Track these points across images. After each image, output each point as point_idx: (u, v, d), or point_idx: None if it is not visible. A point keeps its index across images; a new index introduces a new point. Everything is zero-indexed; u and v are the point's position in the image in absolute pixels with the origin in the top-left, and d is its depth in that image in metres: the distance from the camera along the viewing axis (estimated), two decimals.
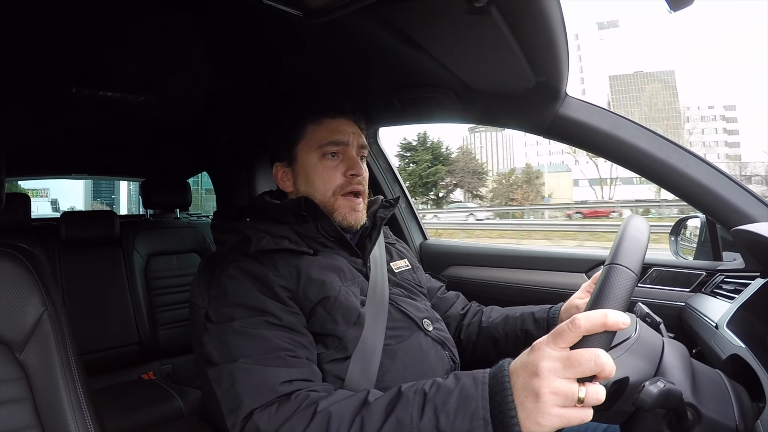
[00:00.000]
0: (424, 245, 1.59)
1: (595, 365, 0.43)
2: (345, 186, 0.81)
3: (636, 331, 0.59)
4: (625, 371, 0.54)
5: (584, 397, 0.43)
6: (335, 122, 0.83)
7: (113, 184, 20.96)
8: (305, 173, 0.82)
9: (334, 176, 0.81)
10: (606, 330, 0.44)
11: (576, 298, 0.81)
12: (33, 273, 0.72)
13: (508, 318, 0.90)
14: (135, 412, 1.49)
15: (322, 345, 0.72)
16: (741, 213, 0.80)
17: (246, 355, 0.64)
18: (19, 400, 0.67)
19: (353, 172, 0.81)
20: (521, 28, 0.67)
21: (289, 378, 0.62)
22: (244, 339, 0.65)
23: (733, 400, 0.57)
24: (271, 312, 0.68)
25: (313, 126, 0.82)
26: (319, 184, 0.81)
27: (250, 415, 0.60)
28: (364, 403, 0.56)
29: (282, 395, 0.60)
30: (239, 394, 0.61)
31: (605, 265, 0.52)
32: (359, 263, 0.82)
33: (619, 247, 0.53)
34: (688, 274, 1.04)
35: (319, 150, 0.81)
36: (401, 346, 0.77)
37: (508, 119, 1.05)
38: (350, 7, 0.62)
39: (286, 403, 0.59)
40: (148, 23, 0.79)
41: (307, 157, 0.82)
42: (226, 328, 0.67)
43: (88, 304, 1.78)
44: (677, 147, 0.87)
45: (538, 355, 0.46)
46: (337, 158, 0.82)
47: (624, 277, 0.50)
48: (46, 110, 1.27)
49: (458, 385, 0.52)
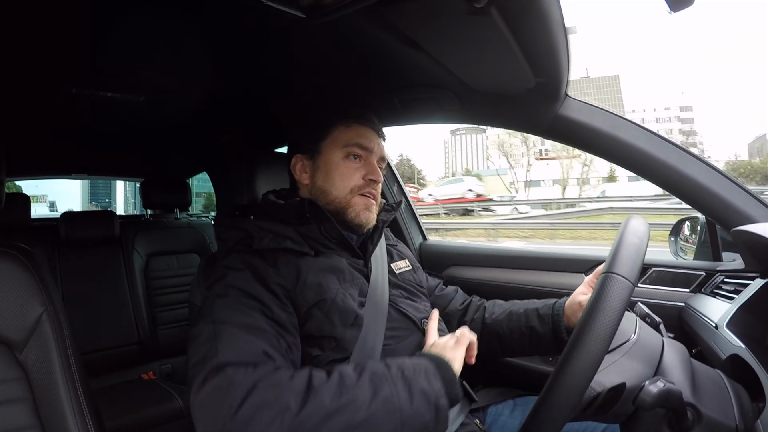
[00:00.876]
0: (424, 245, 1.59)
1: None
2: (363, 188, 0.83)
3: (635, 333, 0.59)
4: (623, 375, 0.54)
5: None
6: (363, 129, 0.86)
7: (110, 186, 21.08)
8: (326, 168, 0.84)
9: (353, 176, 0.83)
10: None
11: (579, 294, 0.83)
12: (33, 273, 0.72)
13: (512, 314, 0.91)
14: (135, 412, 1.50)
15: (318, 347, 0.72)
16: (741, 213, 0.80)
17: (233, 323, 0.62)
18: (19, 400, 0.67)
19: (372, 177, 0.84)
20: (521, 29, 0.67)
21: (270, 351, 0.61)
22: (234, 311, 0.64)
23: (732, 400, 0.57)
24: (264, 302, 0.68)
25: (343, 127, 0.85)
26: (338, 181, 0.83)
27: (222, 368, 0.55)
28: (362, 370, 0.61)
29: (263, 360, 0.59)
30: (217, 347, 0.58)
31: (602, 273, 0.53)
32: (360, 264, 0.83)
33: (617, 254, 0.53)
34: (687, 275, 1.04)
35: (344, 149, 0.84)
36: (400, 346, 0.78)
37: (507, 120, 1.05)
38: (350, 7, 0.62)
39: (264, 365, 0.57)
40: (148, 23, 0.79)
41: (331, 154, 0.84)
42: (217, 301, 0.66)
43: (88, 304, 1.78)
44: (677, 147, 0.87)
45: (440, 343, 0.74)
46: (359, 162, 0.84)
47: (620, 287, 0.50)
48: (46, 110, 1.26)
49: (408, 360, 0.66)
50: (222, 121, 1.48)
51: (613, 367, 0.54)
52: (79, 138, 1.64)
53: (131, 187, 20.68)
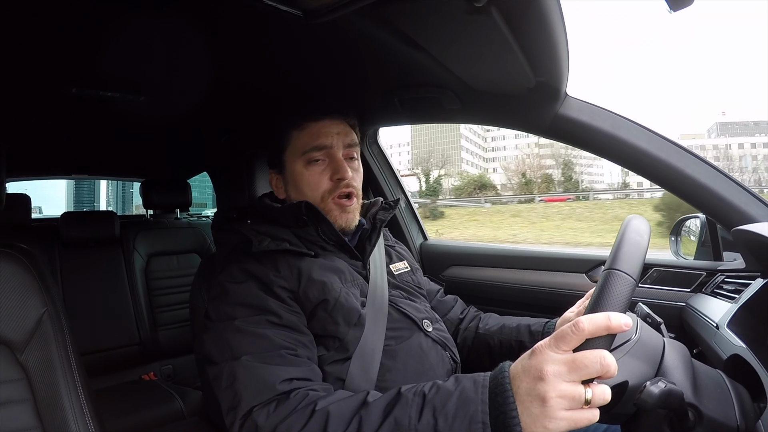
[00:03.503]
0: (425, 245, 1.59)
1: (600, 366, 0.43)
2: (333, 190, 0.80)
3: (636, 333, 0.58)
4: (625, 374, 0.54)
5: (591, 399, 0.44)
6: (318, 125, 0.81)
7: (93, 189, 21.23)
8: (294, 181, 0.82)
9: (321, 182, 0.80)
10: (608, 332, 0.44)
11: (569, 312, 0.79)
12: (33, 273, 0.72)
13: (504, 327, 0.90)
14: (136, 413, 1.50)
15: (323, 347, 0.72)
16: (741, 213, 0.80)
17: (246, 353, 0.64)
18: (20, 400, 0.67)
19: (338, 177, 0.79)
20: (521, 28, 0.67)
21: (288, 377, 0.62)
22: (244, 337, 0.65)
23: (734, 400, 0.56)
24: (272, 311, 0.68)
25: (297, 132, 0.81)
26: (307, 191, 0.80)
27: (249, 413, 0.60)
28: (363, 404, 0.56)
29: (281, 393, 0.60)
30: (239, 391, 0.61)
31: (604, 270, 0.52)
32: (359, 266, 0.82)
33: (619, 251, 0.52)
34: (688, 274, 1.04)
35: (303, 157, 0.80)
36: (401, 346, 0.77)
37: (508, 119, 1.05)
38: (350, 7, 0.62)
39: (285, 402, 0.59)
40: (148, 23, 0.79)
41: (293, 165, 0.82)
42: (227, 327, 0.67)
43: (89, 304, 1.78)
44: (678, 147, 0.87)
45: (540, 358, 0.45)
46: (323, 163, 0.80)
47: (623, 283, 0.49)
48: (46, 110, 1.27)
49: (458, 388, 0.51)
50: (222, 121, 1.48)
51: None
52: (80, 138, 1.64)
53: (113, 189, 20.85)
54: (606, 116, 0.90)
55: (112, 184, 20.41)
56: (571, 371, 0.44)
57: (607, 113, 0.91)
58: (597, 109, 0.91)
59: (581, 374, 0.43)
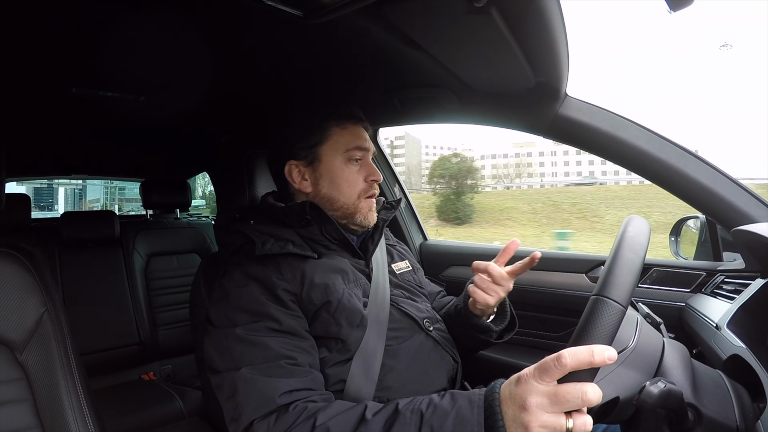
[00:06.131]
0: (424, 245, 1.59)
1: (581, 402, 0.44)
2: (367, 190, 0.83)
3: (634, 339, 0.57)
4: (617, 387, 0.53)
5: (572, 428, 0.45)
6: (357, 128, 0.84)
7: (52, 193, 21.37)
8: (330, 176, 0.82)
9: (358, 181, 0.83)
10: (592, 367, 0.44)
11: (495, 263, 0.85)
12: (33, 273, 0.72)
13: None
14: (135, 413, 1.50)
15: (325, 348, 0.72)
16: (741, 213, 0.80)
17: (247, 363, 0.64)
18: (20, 400, 0.67)
19: (374, 179, 0.83)
20: (521, 28, 0.67)
21: (288, 389, 0.63)
22: (245, 346, 0.66)
23: (733, 400, 0.56)
24: (272, 316, 0.68)
25: (339, 129, 0.82)
26: (346, 188, 0.82)
27: (250, 426, 0.61)
28: (362, 419, 0.57)
29: (281, 406, 0.61)
30: (240, 404, 0.63)
31: (593, 295, 0.50)
32: (362, 265, 0.83)
33: (610, 275, 0.50)
34: (688, 275, 1.04)
35: (345, 154, 0.82)
36: (402, 346, 0.77)
37: (508, 119, 1.05)
38: (350, 7, 0.62)
39: (285, 414, 0.60)
40: (148, 23, 0.79)
41: (332, 160, 0.82)
42: (228, 334, 0.68)
43: (89, 304, 1.78)
44: (678, 147, 0.87)
45: (525, 388, 0.47)
46: (359, 163, 0.83)
47: (611, 312, 0.47)
48: (46, 110, 1.26)
49: (454, 408, 0.53)
50: (222, 121, 1.48)
51: (608, 379, 0.53)
52: (80, 138, 1.64)
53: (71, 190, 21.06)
54: (606, 116, 0.90)
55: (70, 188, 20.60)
56: (552, 404, 0.45)
57: (607, 113, 0.91)
58: (597, 110, 0.91)
59: (562, 407, 0.45)
